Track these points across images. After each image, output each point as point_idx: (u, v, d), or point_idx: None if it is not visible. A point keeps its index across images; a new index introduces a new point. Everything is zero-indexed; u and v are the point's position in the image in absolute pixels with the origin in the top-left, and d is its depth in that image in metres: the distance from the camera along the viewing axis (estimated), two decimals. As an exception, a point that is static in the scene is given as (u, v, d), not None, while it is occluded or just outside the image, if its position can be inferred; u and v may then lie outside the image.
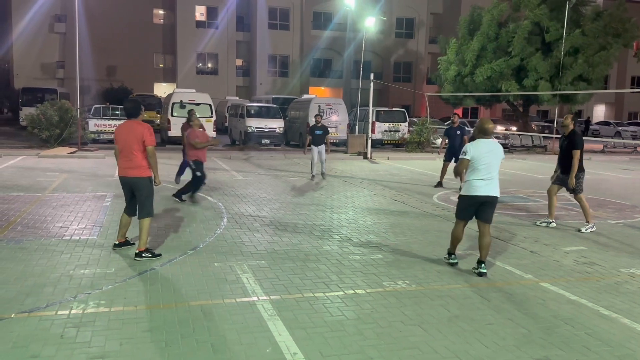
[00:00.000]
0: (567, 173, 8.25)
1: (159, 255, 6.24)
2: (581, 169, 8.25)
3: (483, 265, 5.94)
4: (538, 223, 8.58)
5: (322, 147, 13.49)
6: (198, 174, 9.79)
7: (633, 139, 35.55)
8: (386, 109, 26.20)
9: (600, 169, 17.96)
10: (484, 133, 5.96)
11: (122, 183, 6.32)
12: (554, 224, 8.50)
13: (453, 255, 6.30)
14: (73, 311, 4.64)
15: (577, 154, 8.05)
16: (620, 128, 39.35)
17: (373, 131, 22.10)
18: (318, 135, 13.43)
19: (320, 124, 13.60)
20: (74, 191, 10.79)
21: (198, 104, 20.70)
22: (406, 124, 24.51)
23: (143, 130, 6.06)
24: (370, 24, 26.39)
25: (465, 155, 5.92)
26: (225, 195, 10.77)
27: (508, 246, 7.30)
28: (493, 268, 6.23)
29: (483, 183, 5.86)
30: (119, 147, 6.19)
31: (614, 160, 22.14)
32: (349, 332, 4.35)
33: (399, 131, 24.24)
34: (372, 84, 20.75)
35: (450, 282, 5.69)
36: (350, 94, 40.50)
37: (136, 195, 6.22)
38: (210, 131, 20.71)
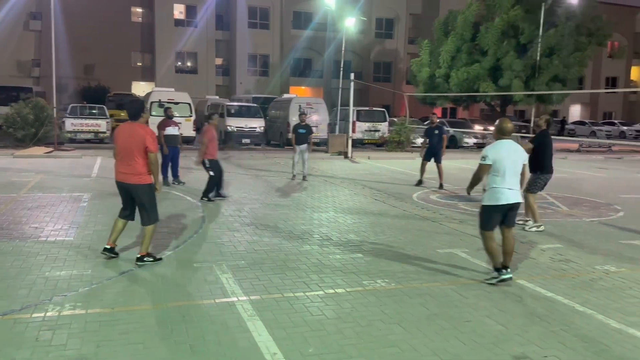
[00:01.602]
0: (533, 172, 8.16)
1: (160, 259, 6.10)
2: (548, 170, 8.17)
3: (507, 270, 5.65)
4: (526, 229, 8.31)
5: (305, 147, 13.35)
6: (211, 173, 9.84)
7: (608, 138, 36.34)
8: (366, 108, 26.29)
9: (575, 168, 18.29)
10: (502, 133, 5.58)
11: (119, 188, 6.01)
12: (542, 227, 8.29)
13: (504, 270, 5.61)
14: (48, 314, 4.55)
15: (528, 145, 7.97)
16: (595, 128, 40.16)
17: (353, 131, 22.16)
18: (301, 134, 13.30)
19: (304, 123, 13.51)
20: (50, 192, 10.60)
21: (177, 103, 20.52)
22: (386, 123, 24.63)
23: (145, 135, 5.75)
24: (350, 24, 26.46)
25: (485, 160, 5.49)
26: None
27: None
28: (471, 266, 6.29)
29: (507, 190, 5.46)
30: (118, 150, 5.88)
31: (589, 159, 22.57)
32: (329, 331, 4.35)
33: (379, 131, 24.35)
34: (352, 83, 20.80)
35: (429, 281, 5.73)
36: (331, 93, 40.54)
37: (137, 202, 5.95)
38: (190, 130, 20.57)
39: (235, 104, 25.64)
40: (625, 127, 42.83)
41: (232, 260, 6.22)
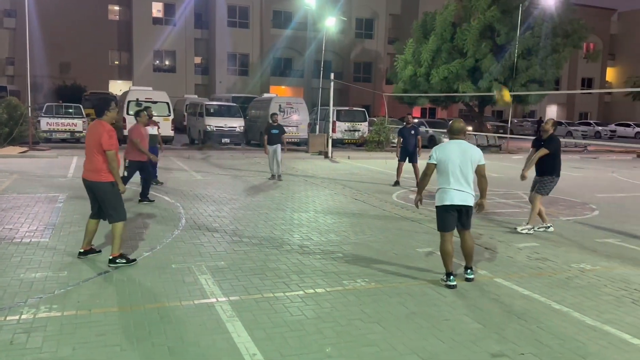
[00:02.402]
0: (542, 175, 8.16)
1: (134, 260, 6.02)
2: (557, 174, 8.17)
3: (470, 270, 5.74)
4: (536, 228, 8.30)
5: (278, 147, 13.29)
6: (125, 174, 9.12)
7: (583, 138, 37.04)
8: (346, 108, 26.35)
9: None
10: (451, 133, 5.56)
11: (84, 185, 6.01)
12: (552, 229, 8.32)
13: (452, 277, 5.53)
14: (23, 316, 4.48)
15: (543, 151, 7.96)
16: (571, 128, 40.87)
17: (334, 130, 22.20)
18: (274, 134, 13.24)
19: (276, 123, 13.45)
20: (25, 192, 10.41)
21: (155, 102, 20.30)
22: (366, 123, 24.73)
23: (102, 132, 5.72)
24: (331, 23, 26.48)
25: (430, 159, 5.54)
26: (183, 196, 10.61)
27: (474, 247, 7.44)
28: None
29: (455, 190, 5.42)
30: (85, 148, 5.96)
31: (566, 159, 22.84)
32: (308, 331, 4.36)
33: (359, 130, 24.43)
34: (332, 83, 20.84)
35: (408, 280, 5.77)
36: (311, 93, 40.56)
37: (99, 200, 5.93)
38: (168, 130, 20.37)
39: (215, 103, 25.47)
40: (600, 128, 43.75)
41: (211, 261, 6.18)
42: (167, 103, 21.51)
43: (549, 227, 8.37)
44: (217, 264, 6.07)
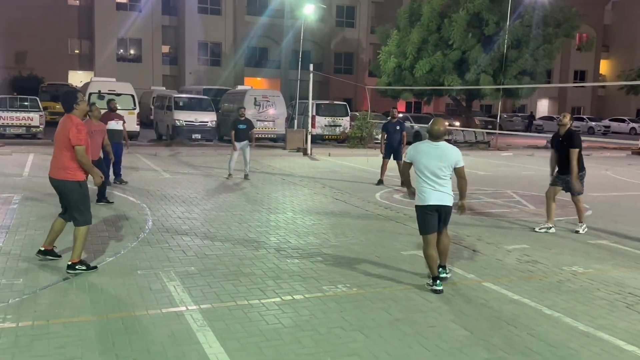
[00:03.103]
0: (567, 174, 8.31)
1: (95, 267, 5.94)
2: (582, 168, 8.38)
3: (442, 269, 5.88)
4: (537, 229, 8.51)
5: (246, 144, 13.23)
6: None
7: (575, 134, 37.57)
8: (327, 102, 26.39)
9: (543, 165, 18.85)
10: (430, 135, 5.71)
11: (52, 185, 5.95)
12: (553, 230, 8.50)
13: (438, 282, 5.62)
14: (-27, 329, 4.39)
15: (576, 152, 8.15)
16: (563, 123, 41.55)
17: (313, 126, 22.23)
18: (241, 129, 13.17)
19: (243, 118, 13.37)
20: (-26, 192, 10.21)
21: (119, 95, 20.06)
22: (348, 118, 24.81)
23: (71, 126, 5.65)
24: (309, 11, 26.49)
25: (405, 157, 5.84)
26: (150, 196, 10.52)
27: (450, 245, 7.52)
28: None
29: (432, 190, 5.59)
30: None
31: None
32: (285, 340, 4.36)
33: (340, 126, 24.50)
34: (311, 75, 20.84)
35: (392, 285, 5.81)
36: (289, 85, 40.49)
37: (65, 201, 5.90)
38: (133, 125, 20.15)
39: (184, 96, 25.30)
40: (593, 123, 44.64)
41: (181, 266, 6.15)
42: (132, 95, 21.29)
43: (550, 227, 8.54)
44: (187, 270, 6.03)
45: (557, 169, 8.57)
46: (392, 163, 12.95)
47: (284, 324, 4.67)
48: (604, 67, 58.27)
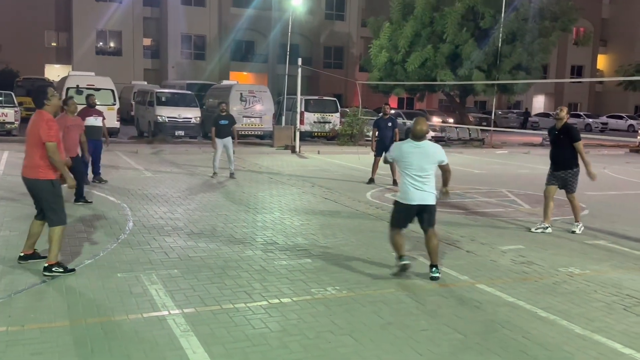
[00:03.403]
0: (563, 170, 8.44)
1: (73, 270, 5.90)
2: (576, 164, 8.47)
3: (434, 269, 6.08)
4: (533, 230, 8.59)
5: (229, 140, 13.18)
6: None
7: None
8: (316, 97, 26.37)
9: (538, 163, 18.99)
10: (413, 135, 6.01)
11: (25, 184, 5.93)
12: (550, 230, 8.57)
13: (403, 257, 6.10)
14: (-57, 335, 4.35)
15: (581, 145, 8.35)
16: (559, 120, 41.86)
17: (302, 122, 22.21)
18: (223, 125, 13.12)
19: (225, 113, 13.32)
20: (-55, 192, 10.10)
21: (98, 89, 19.92)
22: (338, 114, 24.81)
23: (41, 123, 5.64)
24: (298, 3, 26.44)
25: (388, 157, 6.19)
26: (131, 196, 10.47)
27: (443, 246, 7.56)
28: (428, 270, 6.43)
29: (415, 190, 5.92)
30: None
31: (553, 154, 23.49)
32: (272, 345, 4.36)
33: (330, 122, 24.50)
34: (300, 69, 20.83)
35: (383, 287, 5.84)
36: (276, 80, 40.45)
37: (38, 201, 5.89)
38: (113, 121, 20.02)
39: (167, 90, 25.17)
40: (591, 120, 44.98)
41: (163, 269, 6.13)
42: (112, 90, 21.18)
43: (547, 227, 8.61)
44: (169, 272, 6.02)
45: (551, 166, 8.63)
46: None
47: (271, 328, 4.67)
48: (602, 62, 58.75)
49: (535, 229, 8.62)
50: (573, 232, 8.56)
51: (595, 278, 6.40)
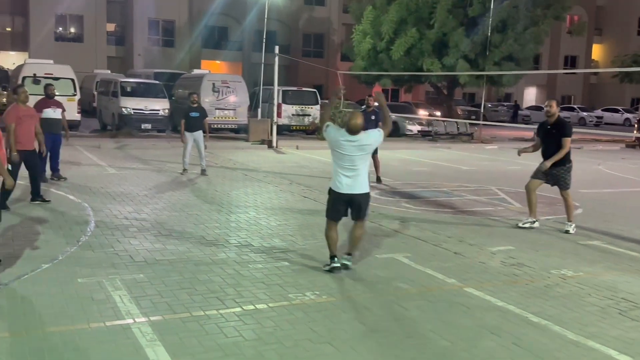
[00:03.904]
0: (554, 167, 8.54)
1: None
2: (569, 160, 8.61)
3: (349, 257, 6.49)
4: (521, 225, 8.83)
5: (200, 134, 13.09)
6: (9, 166, 8.05)
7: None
8: (294, 88, 26.33)
9: (529, 160, 19.16)
10: (348, 130, 6.23)
11: None
12: (537, 224, 8.78)
13: (334, 259, 6.37)
14: None
15: (568, 141, 8.47)
16: (552, 114, 42.38)
17: (279, 115, 22.16)
18: (193, 118, 13.01)
19: (196, 104, 13.23)
20: None
21: (57, 79, 19.61)
22: (318, 106, 24.80)
23: None
24: (275, -14, 26.37)
25: (324, 132, 6.47)
26: (92, 194, 10.37)
27: (429, 247, 7.63)
28: (414, 272, 6.48)
29: (345, 179, 6.24)
30: None
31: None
32: (247, 355, 4.35)
33: (310, 115, 24.49)
34: (277, 58, 20.77)
35: (366, 291, 5.85)
36: (252, 70, 40.28)
37: None
38: (74, 113, 19.77)
39: (132, 80, 24.96)
40: (585, 113, 45.65)
41: (128, 274, 6.08)
42: (73, 80, 20.90)
43: (534, 222, 8.79)
44: (134, 277, 5.97)
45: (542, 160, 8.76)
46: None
47: (245, 337, 4.66)
48: (597, 52, 59.52)
49: (523, 224, 8.82)
50: (567, 231, 8.68)
51: (589, 280, 6.49)
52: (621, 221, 9.76)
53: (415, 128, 26.62)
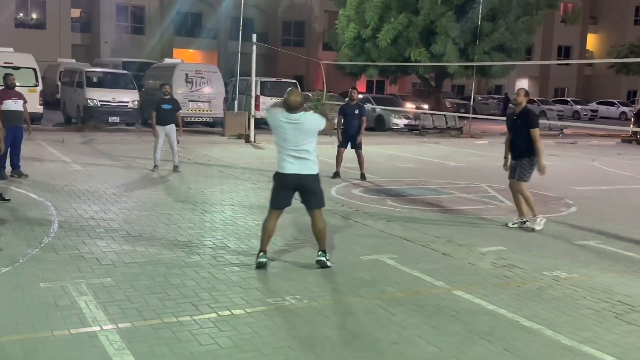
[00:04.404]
0: (520, 158, 8.70)
1: None
2: (534, 153, 8.68)
3: (321, 253, 6.59)
4: (510, 224, 8.94)
5: (172, 128, 13.05)
6: None
7: (559, 119, 38.82)
8: (273, 79, 26.33)
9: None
10: (286, 107, 6.32)
11: None
12: (528, 223, 8.85)
13: (262, 254, 6.51)
14: None
15: (537, 132, 8.59)
16: (545, 107, 42.74)
17: (257, 108, 22.13)
18: (165, 110, 12.97)
19: (168, 96, 13.19)
20: None
21: (17, 68, 19.46)
22: (298, 98, 24.77)
23: None
24: (252, -30, 26.30)
25: (266, 114, 6.67)
26: (56, 192, 10.29)
27: (417, 248, 7.66)
28: (400, 275, 6.51)
29: (291, 159, 6.35)
30: None
31: (539, 144, 23.98)
32: (222, 364, 4.35)
33: (289, 108, 24.44)
34: (254, 47, 20.71)
35: (349, 295, 5.86)
36: (228, 59, 40.15)
37: None
38: (36, 105, 19.58)
39: (99, 70, 24.82)
40: (579, 107, 46.15)
41: (94, 278, 6.03)
42: (34, 69, 20.79)
43: (525, 222, 8.87)
44: (101, 281, 5.93)
45: (510, 154, 8.92)
46: (350, 153, 13.02)
47: (220, 345, 4.64)
48: (592, 42, 60.15)
49: (512, 224, 8.93)
50: (533, 229, 8.73)
51: (584, 282, 6.55)
52: (617, 220, 9.87)
53: (401, 122, 26.71)
